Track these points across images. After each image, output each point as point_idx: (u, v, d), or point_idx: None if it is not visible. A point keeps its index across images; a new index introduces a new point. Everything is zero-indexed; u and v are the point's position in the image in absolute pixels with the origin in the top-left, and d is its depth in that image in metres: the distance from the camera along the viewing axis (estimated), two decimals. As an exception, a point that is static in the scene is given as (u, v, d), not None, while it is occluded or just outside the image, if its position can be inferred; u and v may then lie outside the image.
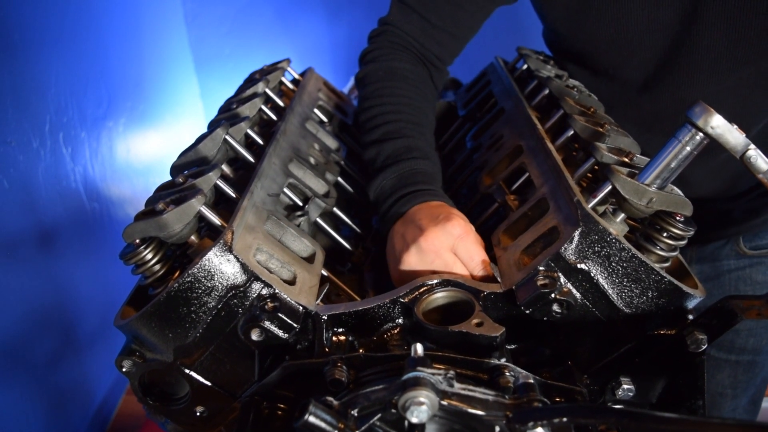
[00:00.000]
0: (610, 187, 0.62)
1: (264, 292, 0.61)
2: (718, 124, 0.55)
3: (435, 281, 0.64)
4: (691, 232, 0.62)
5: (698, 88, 0.90)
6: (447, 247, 0.69)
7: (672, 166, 0.59)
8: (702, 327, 0.59)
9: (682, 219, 0.62)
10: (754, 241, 1.07)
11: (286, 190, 0.79)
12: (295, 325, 0.60)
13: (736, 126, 0.55)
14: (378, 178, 0.83)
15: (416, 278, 0.67)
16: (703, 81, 0.89)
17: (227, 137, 0.76)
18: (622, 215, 0.64)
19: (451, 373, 0.48)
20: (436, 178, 0.84)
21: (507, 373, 0.55)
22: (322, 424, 0.43)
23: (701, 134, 0.56)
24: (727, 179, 1.00)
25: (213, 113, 0.92)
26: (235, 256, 0.60)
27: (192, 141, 0.78)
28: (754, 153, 0.56)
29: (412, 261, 0.71)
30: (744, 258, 1.08)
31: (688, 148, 0.58)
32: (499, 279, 0.65)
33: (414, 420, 0.43)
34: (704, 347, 0.59)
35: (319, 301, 0.65)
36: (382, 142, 0.87)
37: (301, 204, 0.80)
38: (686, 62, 0.89)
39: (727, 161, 0.96)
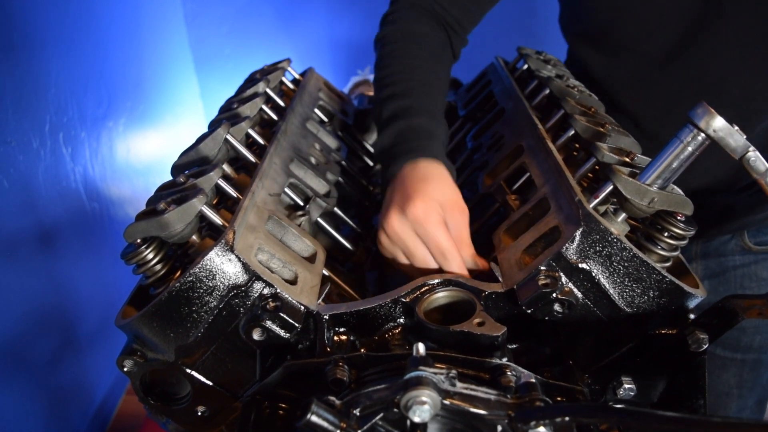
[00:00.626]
0: (611, 187, 0.62)
1: (265, 291, 0.61)
2: (719, 127, 0.55)
3: (436, 281, 0.64)
4: (692, 232, 0.62)
5: (721, 61, 0.89)
6: (408, 231, 0.71)
7: (673, 166, 0.60)
8: (703, 326, 0.59)
9: (683, 219, 0.62)
10: (759, 237, 1.07)
11: (287, 189, 0.79)
12: (296, 324, 0.60)
13: (737, 128, 0.56)
14: (379, 138, 0.84)
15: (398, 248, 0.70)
16: (726, 54, 0.88)
17: (228, 137, 0.76)
18: (623, 215, 0.64)
19: (453, 372, 0.48)
20: (435, 134, 0.83)
21: (509, 373, 0.55)
22: (325, 424, 0.43)
23: (702, 135, 0.57)
24: (731, 170, 1.00)
25: (213, 113, 0.92)
26: (237, 256, 0.60)
27: (192, 141, 0.78)
28: (753, 155, 0.56)
29: (383, 240, 0.74)
30: (749, 254, 1.08)
31: (689, 149, 0.58)
32: (500, 279, 0.65)
33: (416, 419, 0.43)
34: (705, 347, 0.59)
35: (320, 300, 0.65)
36: (387, 100, 0.87)
37: (302, 204, 0.80)
38: (711, 33, 0.88)
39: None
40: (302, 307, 0.62)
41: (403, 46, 0.95)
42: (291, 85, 1.10)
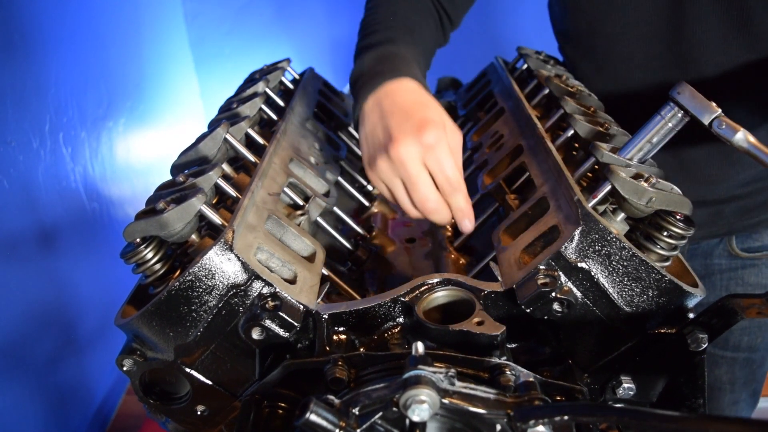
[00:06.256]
0: (609, 186, 0.63)
1: (265, 291, 0.61)
2: (696, 103, 0.59)
3: (435, 280, 0.64)
4: (691, 231, 0.62)
5: (704, 60, 0.88)
6: (415, 158, 0.66)
7: (654, 141, 0.64)
8: (702, 326, 0.59)
9: (682, 218, 0.62)
10: (747, 243, 1.06)
11: (286, 189, 0.79)
12: (295, 324, 0.60)
13: (713, 103, 0.59)
14: (357, 62, 0.81)
15: (386, 182, 0.69)
16: (706, 54, 0.88)
17: (228, 136, 0.76)
18: (622, 215, 0.64)
19: (452, 371, 0.48)
20: (417, 64, 0.81)
21: (508, 372, 0.55)
22: (324, 423, 0.43)
23: (682, 112, 0.61)
24: (722, 176, 0.99)
25: (213, 113, 0.93)
26: (236, 255, 0.60)
27: (192, 141, 0.78)
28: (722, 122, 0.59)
29: (381, 166, 0.69)
30: (737, 259, 1.08)
31: (669, 125, 0.63)
32: (499, 278, 0.65)
33: (415, 418, 0.43)
34: (705, 346, 0.59)
35: (319, 300, 0.65)
36: (367, 36, 0.86)
37: (301, 203, 0.80)
38: (686, 34, 0.88)
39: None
40: (301, 307, 0.62)
41: (391, 3, 0.93)
42: (290, 85, 1.10)
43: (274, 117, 0.94)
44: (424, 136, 0.66)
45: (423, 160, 0.67)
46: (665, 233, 0.62)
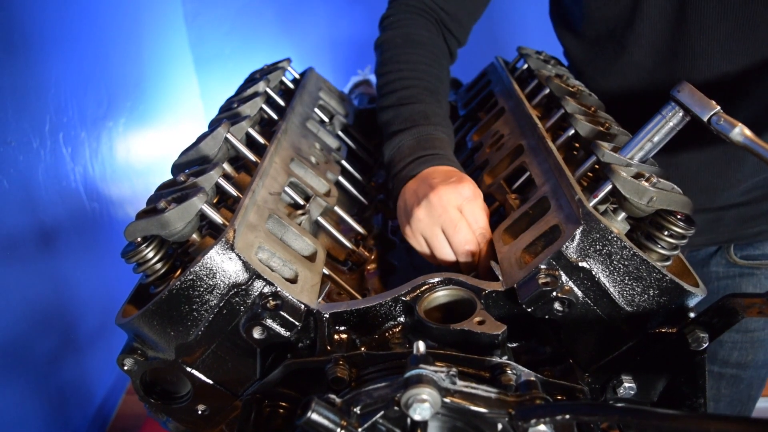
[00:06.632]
0: (610, 186, 0.63)
1: (266, 290, 0.61)
2: (698, 103, 0.59)
3: (436, 279, 0.64)
4: (692, 231, 0.62)
5: (708, 70, 0.90)
6: (454, 205, 0.73)
7: (655, 140, 0.64)
8: (703, 325, 0.59)
9: (683, 218, 0.62)
10: (746, 251, 1.06)
11: (287, 188, 0.79)
12: (296, 323, 0.60)
13: (713, 101, 0.59)
14: (395, 139, 0.87)
15: (424, 232, 0.74)
16: (711, 64, 0.89)
17: (228, 136, 0.76)
18: (623, 214, 0.64)
19: (454, 370, 0.48)
20: (450, 145, 0.88)
21: (509, 371, 0.55)
22: (325, 422, 0.43)
23: (683, 111, 0.61)
24: (722, 184, 0.99)
25: (213, 113, 0.93)
26: (237, 255, 0.60)
27: (192, 141, 0.78)
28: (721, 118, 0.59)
29: (420, 215, 0.75)
30: (734, 267, 1.07)
31: (670, 124, 0.62)
32: (500, 277, 0.65)
33: (417, 417, 0.43)
34: (705, 345, 0.59)
35: (320, 299, 0.65)
36: (399, 106, 0.90)
37: (302, 203, 0.80)
38: (690, 45, 0.89)
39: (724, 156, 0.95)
40: (302, 306, 0.62)
41: (406, 51, 0.97)
42: (291, 85, 1.10)
43: (275, 117, 0.94)
44: (463, 189, 0.74)
45: (460, 209, 0.73)
46: (666, 233, 0.62)
